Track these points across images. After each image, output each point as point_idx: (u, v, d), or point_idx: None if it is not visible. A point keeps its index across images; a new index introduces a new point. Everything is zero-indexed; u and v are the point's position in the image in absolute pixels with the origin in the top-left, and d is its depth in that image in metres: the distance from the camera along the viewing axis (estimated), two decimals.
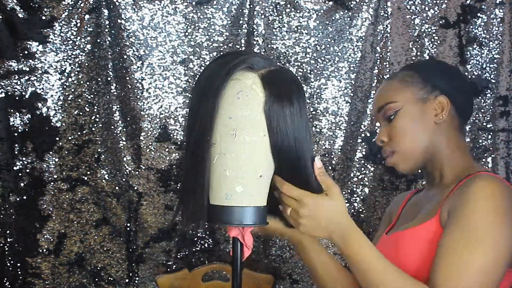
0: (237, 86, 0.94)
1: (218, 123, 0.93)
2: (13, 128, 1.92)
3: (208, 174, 0.95)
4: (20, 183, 1.94)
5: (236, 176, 0.96)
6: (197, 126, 0.94)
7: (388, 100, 1.17)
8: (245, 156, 0.95)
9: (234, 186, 0.96)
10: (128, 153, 1.98)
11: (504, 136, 1.98)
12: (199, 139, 0.94)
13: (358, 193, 2.05)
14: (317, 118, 2.01)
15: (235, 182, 0.96)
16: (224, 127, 0.93)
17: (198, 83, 0.97)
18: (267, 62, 0.97)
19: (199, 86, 0.97)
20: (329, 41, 1.98)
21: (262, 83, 0.95)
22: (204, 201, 0.96)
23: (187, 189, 0.97)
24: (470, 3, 1.96)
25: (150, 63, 1.95)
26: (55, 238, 1.98)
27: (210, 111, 0.92)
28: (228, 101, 0.94)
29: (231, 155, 0.94)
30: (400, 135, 1.15)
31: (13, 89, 1.90)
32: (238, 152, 0.95)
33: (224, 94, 0.94)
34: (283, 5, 1.97)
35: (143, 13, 1.93)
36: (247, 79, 0.94)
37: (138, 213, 2.00)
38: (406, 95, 1.16)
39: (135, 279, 2.03)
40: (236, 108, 0.93)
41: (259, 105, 0.94)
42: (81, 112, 1.96)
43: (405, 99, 1.16)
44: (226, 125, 0.93)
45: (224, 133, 0.93)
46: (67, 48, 1.92)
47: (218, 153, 0.94)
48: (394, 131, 1.16)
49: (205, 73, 0.97)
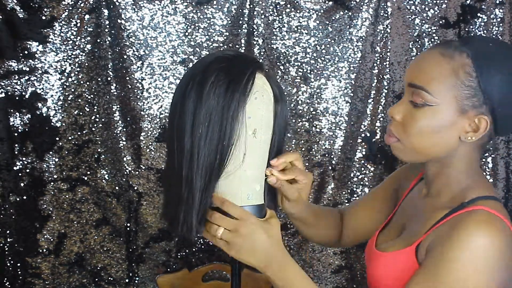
0: (253, 86, 0.96)
1: (239, 123, 0.93)
2: (13, 128, 1.92)
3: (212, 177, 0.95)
4: (20, 183, 1.94)
5: (256, 175, 0.98)
6: (212, 127, 0.92)
7: (425, 85, 0.96)
8: (262, 154, 0.99)
9: (254, 186, 0.98)
10: (128, 153, 1.99)
11: (504, 136, 1.98)
12: (212, 140, 0.92)
13: (358, 193, 2.05)
14: (317, 118, 2.01)
15: (255, 181, 0.98)
16: (243, 126, 0.94)
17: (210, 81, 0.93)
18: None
19: (214, 85, 0.93)
20: (329, 41, 1.98)
21: (269, 83, 0.98)
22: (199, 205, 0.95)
23: (187, 194, 0.94)
24: (470, 3, 1.96)
25: (150, 63, 1.95)
26: (55, 238, 1.98)
27: (234, 112, 0.92)
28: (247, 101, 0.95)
29: (250, 154, 0.96)
30: (416, 132, 0.97)
31: (13, 89, 1.90)
32: (257, 151, 0.97)
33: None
34: (283, 5, 1.97)
35: (143, 13, 1.93)
36: (258, 79, 0.97)
37: (138, 213, 2.00)
38: (448, 95, 0.94)
39: (135, 279, 2.03)
40: (254, 108, 0.95)
41: (271, 104, 0.98)
42: (81, 112, 1.96)
43: (445, 100, 0.95)
44: (246, 125, 0.94)
45: (242, 133, 0.94)
46: (67, 48, 1.92)
47: (238, 153, 0.94)
48: (412, 123, 0.98)
49: (218, 74, 0.94)
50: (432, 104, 0.95)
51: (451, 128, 0.96)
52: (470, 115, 0.95)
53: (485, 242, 0.88)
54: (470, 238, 0.89)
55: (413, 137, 0.98)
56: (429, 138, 0.97)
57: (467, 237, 0.89)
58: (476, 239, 0.89)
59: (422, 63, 0.98)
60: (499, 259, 0.89)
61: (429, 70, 0.96)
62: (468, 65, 0.94)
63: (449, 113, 0.95)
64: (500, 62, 0.95)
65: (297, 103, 2.01)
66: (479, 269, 0.88)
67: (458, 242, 0.89)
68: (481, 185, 1.00)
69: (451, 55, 0.95)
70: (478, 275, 0.88)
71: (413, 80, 0.98)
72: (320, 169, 2.04)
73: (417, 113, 0.97)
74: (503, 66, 0.94)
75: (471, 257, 0.88)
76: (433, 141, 0.97)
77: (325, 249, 2.06)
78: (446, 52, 0.96)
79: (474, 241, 0.89)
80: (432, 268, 0.91)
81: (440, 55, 0.96)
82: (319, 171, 2.04)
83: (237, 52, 1.03)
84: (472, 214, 0.92)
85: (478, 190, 0.98)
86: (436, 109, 0.95)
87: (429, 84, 0.95)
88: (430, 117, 0.96)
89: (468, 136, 0.96)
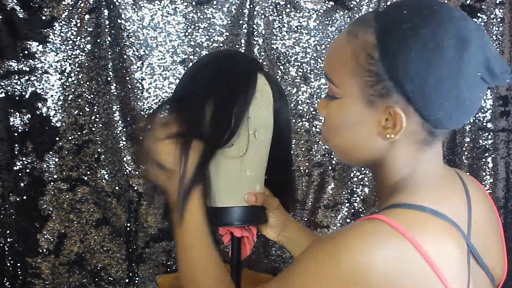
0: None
1: (238, 123, 0.93)
2: (13, 128, 1.92)
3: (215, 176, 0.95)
4: (20, 183, 1.94)
5: (256, 176, 0.98)
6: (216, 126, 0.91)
7: (329, 75, 0.79)
8: (262, 155, 0.98)
9: (254, 186, 0.98)
10: (128, 153, 1.99)
11: (504, 136, 1.98)
12: (214, 138, 0.91)
13: (358, 193, 2.05)
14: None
15: (255, 181, 0.98)
16: (244, 126, 0.93)
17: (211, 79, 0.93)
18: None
19: (216, 83, 0.92)
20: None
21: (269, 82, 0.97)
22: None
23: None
24: (470, 3, 1.96)
25: (150, 63, 1.96)
26: (55, 238, 1.98)
27: (238, 111, 0.91)
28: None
29: (250, 154, 0.95)
30: (331, 129, 0.81)
31: (13, 89, 1.90)
32: (257, 152, 0.97)
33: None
34: (283, 5, 1.97)
35: (143, 13, 1.93)
36: (259, 78, 0.96)
37: (138, 213, 2.00)
38: (350, 84, 0.75)
39: (135, 279, 2.03)
40: (255, 107, 0.94)
41: (270, 104, 0.98)
42: (81, 112, 1.96)
43: (346, 90, 0.76)
44: (247, 125, 0.94)
45: (243, 133, 0.94)
46: (67, 48, 1.92)
47: (238, 153, 0.94)
48: (327, 119, 0.81)
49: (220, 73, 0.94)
50: (337, 96, 0.77)
51: (362, 124, 0.76)
52: (379, 107, 0.74)
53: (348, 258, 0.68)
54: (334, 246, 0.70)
55: (330, 134, 0.81)
56: (344, 136, 0.79)
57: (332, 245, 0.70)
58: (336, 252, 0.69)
59: (331, 47, 0.80)
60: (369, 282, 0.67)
61: (333, 55, 0.78)
62: (370, 43, 0.72)
63: (355, 105, 0.75)
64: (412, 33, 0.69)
65: (297, 103, 2.01)
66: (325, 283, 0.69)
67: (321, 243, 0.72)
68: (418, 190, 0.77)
69: (355, 34, 0.74)
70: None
71: (325, 69, 0.81)
72: (320, 169, 2.04)
73: (330, 107, 0.79)
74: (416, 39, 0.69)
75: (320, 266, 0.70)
76: (349, 140, 0.78)
77: None
78: (353, 29, 0.75)
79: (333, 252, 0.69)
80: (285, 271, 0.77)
81: (346, 34, 0.76)
82: (319, 171, 2.04)
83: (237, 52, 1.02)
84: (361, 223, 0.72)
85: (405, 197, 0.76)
86: (342, 102, 0.77)
87: (332, 72, 0.78)
88: (338, 111, 0.78)
89: (387, 133, 0.74)
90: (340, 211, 2.05)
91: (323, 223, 2.05)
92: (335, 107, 0.78)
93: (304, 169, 2.03)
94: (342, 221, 2.05)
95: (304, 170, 2.03)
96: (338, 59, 0.76)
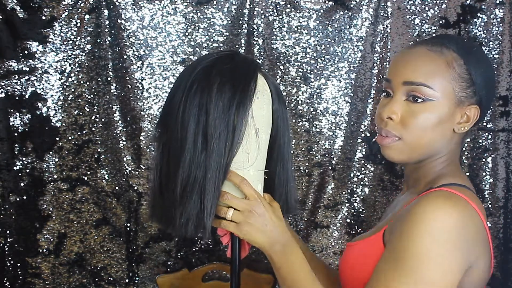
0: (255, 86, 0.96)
1: (243, 122, 0.94)
2: (13, 128, 1.92)
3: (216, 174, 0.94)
4: (20, 183, 1.94)
5: (258, 176, 0.99)
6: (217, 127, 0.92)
7: (424, 81, 0.98)
8: (264, 155, 0.99)
9: (257, 185, 0.98)
10: (128, 153, 1.99)
11: (504, 136, 1.98)
12: (219, 138, 0.92)
13: (358, 193, 2.05)
14: (317, 118, 2.01)
15: (257, 180, 0.98)
16: (248, 126, 0.94)
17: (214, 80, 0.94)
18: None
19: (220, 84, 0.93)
20: (329, 41, 1.98)
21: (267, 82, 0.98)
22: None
23: (188, 192, 0.94)
24: (470, 3, 1.96)
25: (150, 63, 1.96)
26: (55, 238, 1.98)
27: (242, 111, 0.92)
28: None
29: (253, 154, 0.95)
30: (419, 128, 0.98)
31: (13, 89, 1.90)
32: (260, 151, 0.98)
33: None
34: (283, 5, 1.97)
35: (143, 13, 1.93)
36: (259, 78, 0.97)
37: (138, 213, 2.00)
38: (447, 88, 0.98)
39: (135, 279, 2.03)
40: (257, 107, 0.95)
41: (270, 104, 0.98)
42: (81, 112, 1.96)
43: (444, 93, 0.98)
44: (250, 125, 0.94)
45: (247, 133, 0.94)
46: (67, 48, 1.92)
47: (242, 152, 0.95)
48: (414, 120, 0.98)
49: (223, 72, 0.94)
50: (433, 98, 0.98)
51: (449, 120, 0.99)
52: (464, 106, 1.00)
53: (440, 215, 0.89)
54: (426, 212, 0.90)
55: (415, 133, 0.99)
56: (431, 132, 0.98)
57: (423, 211, 0.90)
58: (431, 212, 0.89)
59: (414, 60, 1.00)
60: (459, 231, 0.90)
61: (424, 66, 0.99)
62: (458, 58, 0.99)
63: (448, 105, 0.98)
64: (478, 55, 1.03)
65: (297, 103, 2.00)
66: (437, 240, 0.88)
67: (414, 216, 0.91)
68: (456, 174, 1.02)
69: (439, 51, 1.00)
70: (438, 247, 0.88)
71: (409, 78, 0.99)
72: (320, 169, 2.04)
73: (417, 109, 0.98)
74: (482, 59, 1.03)
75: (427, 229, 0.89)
76: (434, 135, 0.99)
77: (325, 249, 2.06)
78: (433, 48, 1.00)
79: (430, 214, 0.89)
80: (393, 245, 0.92)
81: (429, 51, 1.00)
82: (319, 171, 2.04)
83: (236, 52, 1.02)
84: (432, 192, 0.95)
85: (450, 178, 1.00)
86: (438, 104, 0.98)
87: (429, 79, 0.98)
88: (434, 112, 0.98)
89: (461, 126, 1.00)
90: (340, 211, 2.05)
91: (323, 223, 2.05)
92: (427, 108, 0.98)
93: (304, 169, 2.03)
94: (342, 221, 2.05)
95: (304, 170, 2.03)
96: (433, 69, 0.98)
